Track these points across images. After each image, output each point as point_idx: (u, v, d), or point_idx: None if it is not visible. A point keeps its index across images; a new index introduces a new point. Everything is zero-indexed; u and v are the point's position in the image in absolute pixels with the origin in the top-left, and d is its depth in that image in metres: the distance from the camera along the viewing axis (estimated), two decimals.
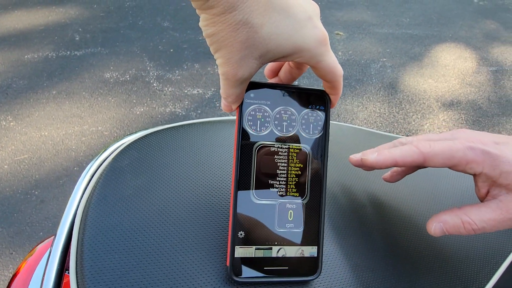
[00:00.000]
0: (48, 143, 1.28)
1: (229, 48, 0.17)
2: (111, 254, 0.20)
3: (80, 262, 0.20)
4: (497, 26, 2.37)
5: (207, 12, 0.16)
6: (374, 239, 0.26)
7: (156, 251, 0.21)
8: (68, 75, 1.60)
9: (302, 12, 0.18)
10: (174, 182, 0.25)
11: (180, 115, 1.43)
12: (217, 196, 0.25)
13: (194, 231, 0.22)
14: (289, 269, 0.21)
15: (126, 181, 0.25)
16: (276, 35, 0.17)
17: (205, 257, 0.21)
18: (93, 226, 0.21)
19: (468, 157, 0.20)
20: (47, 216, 1.05)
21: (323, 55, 0.19)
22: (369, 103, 1.57)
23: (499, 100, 1.68)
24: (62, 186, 1.14)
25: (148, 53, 1.77)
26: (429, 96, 1.65)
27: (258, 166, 0.20)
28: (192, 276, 0.20)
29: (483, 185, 0.21)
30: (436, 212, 0.29)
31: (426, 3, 2.57)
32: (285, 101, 0.21)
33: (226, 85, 0.19)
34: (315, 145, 0.21)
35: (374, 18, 2.29)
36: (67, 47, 1.78)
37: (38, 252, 0.39)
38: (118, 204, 0.23)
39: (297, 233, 0.21)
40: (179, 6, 2.24)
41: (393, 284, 0.23)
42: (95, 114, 1.41)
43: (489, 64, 1.94)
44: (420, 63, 1.88)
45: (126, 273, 0.19)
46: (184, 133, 0.30)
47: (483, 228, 0.21)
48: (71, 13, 2.08)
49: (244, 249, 0.20)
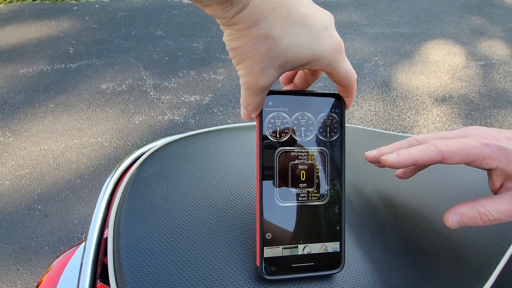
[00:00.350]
0: (49, 156, 1.28)
1: (251, 60, 0.18)
2: (148, 260, 0.21)
3: (118, 269, 0.21)
4: (483, 21, 2.44)
5: (232, 28, 0.18)
6: (387, 233, 0.28)
7: (189, 255, 0.22)
8: (64, 88, 1.60)
9: (319, 22, 0.19)
10: (198, 189, 0.26)
11: (178, 123, 1.44)
12: (240, 201, 0.26)
13: (223, 235, 0.23)
14: (315, 265, 0.22)
15: (153, 191, 0.26)
16: (295, 46, 0.18)
17: (235, 259, 0.22)
18: (127, 235, 0.23)
19: (484, 153, 0.21)
20: (51, 230, 1.05)
21: (339, 62, 0.20)
22: (364, 102, 1.60)
23: (489, 93, 1.72)
24: (65, 199, 1.14)
25: (143, 62, 1.78)
26: (422, 92, 1.69)
27: (280, 171, 0.22)
28: (226, 277, 0.21)
29: (497, 179, 0.22)
30: (445, 206, 0.31)
31: (413, 1, 2.63)
32: (302, 107, 0.22)
33: (248, 94, 0.20)
34: (332, 147, 0.23)
35: (364, 18, 2.34)
36: (61, 60, 1.78)
37: (57, 266, 0.39)
38: (148, 213, 0.24)
39: (320, 231, 0.22)
40: (171, 15, 2.26)
41: (410, 274, 0.25)
42: (94, 125, 1.41)
43: (478, 58, 1.99)
44: (411, 60, 1.92)
45: (164, 277, 0.21)
46: (202, 141, 0.31)
47: (499, 219, 0.21)
48: (63, 26, 2.09)
49: (272, 249, 0.22)
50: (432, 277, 0.25)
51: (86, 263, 0.25)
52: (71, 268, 0.37)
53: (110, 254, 0.22)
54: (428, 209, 0.30)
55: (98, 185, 1.19)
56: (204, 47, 1.93)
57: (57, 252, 1.00)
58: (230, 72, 1.74)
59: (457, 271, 0.26)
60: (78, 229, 1.07)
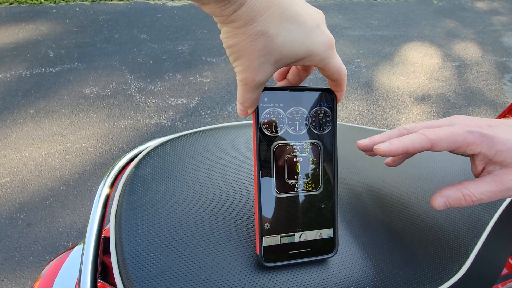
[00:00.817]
0: (30, 164, 1.23)
1: (248, 56, 0.19)
2: (152, 252, 0.22)
3: (122, 262, 0.22)
4: (456, 24, 2.57)
5: (229, 25, 0.18)
6: (375, 221, 0.29)
7: (192, 246, 0.23)
8: (45, 93, 1.55)
9: (311, 20, 0.19)
10: (197, 184, 0.27)
11: (166, 126, 1.43)
12: (238, 194, 0.27)
13: (223, 226, 0.24)
14: (311, 250, 0.24)
15: (152, 187, 0.26)
16: (289, 42, 0.19)
17: (236, 249, 0.23)
18: (129, 230, 0.23)
19: (468, 140, 0.23)
20: (35, 239, 1.02)
21: (330, 58, 0.21)
22: (348, 102, 1.65)
23: (464, 92, 1.82)
24: (49, 207, 1.11)
25: (128, 66, 1.76)
26: (402, 92, 1.76)
27: (276, 163, 0.23)
28: (227, 265, 0.22)
29: (480, 163, 0.24)
30: (425, 194, 0.33)
31: (391, 6, 2.74)
32: (295, 102, 0.23)
33: (244, 90, 0.21)
34: (325, 139, 0.24)
35: (346, 22, 2.41)
36: (41, 64, 1.73)
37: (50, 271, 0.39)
38: (148, 208, 0.25)
39: (315, 219, 0.24)
40: (155, 18, 2.24)
41: (396, 256, 0.27)
42: (77, 131, 1.37)
43: (453, 59, 2.10)
44: (391, 62, 2.00)
45: (168, 268, 0.21)
46: (197, 139, 0.32)
47: (481, 199, 0.23)
48: (42, 29, 2.02)
49: (271, 238, 0.23)
50: (417, 258, 0.27)
51: (86, 262, 0.25)
52: (66, 272, 0.37)
53: (113, 249, 0.23)
54: (411, 198, 0.32)
55: (84, 191, 1.16)
56: (189, 50, 1.92)
57: (43, 262, 0.97)
58: (217, 74, 1.74)
59: (439, 252, 0.28)
60: (64, 237, 1.03)
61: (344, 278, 0.24)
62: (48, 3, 2.29)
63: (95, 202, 0.29)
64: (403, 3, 2.81)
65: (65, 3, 2.33)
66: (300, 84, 0.25)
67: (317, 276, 0.23)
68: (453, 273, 0.26)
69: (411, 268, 0.26)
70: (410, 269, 0.26)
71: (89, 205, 1.13)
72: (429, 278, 0.26)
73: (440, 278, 0.26)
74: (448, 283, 0.26)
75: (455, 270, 0.27)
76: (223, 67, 1.79)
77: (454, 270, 0.27)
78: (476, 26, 2.58)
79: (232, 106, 1.56)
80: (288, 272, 0.23)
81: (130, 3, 2.38)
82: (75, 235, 1.05)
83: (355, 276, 0.24)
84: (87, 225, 0.28)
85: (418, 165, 0.37)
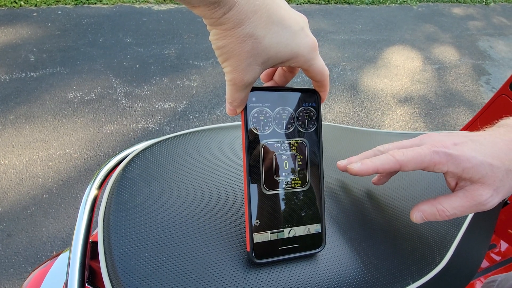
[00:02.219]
0: (10, 171, 1.19)
1: (237, 57, 0.19)
2: (141, 254, 0.22)
3: (111, 264, 0.21)
4: (435, 29, 2.68)
5: (218, 28, 0.19)
6: (361, 217, 0.30)
7: (181, 246, 0.23)
8: (25, 98, 1.50)
9: (296, 24, 0.20)
10: (186, 185, 0.27)
11: (153, 130, 1.41)
12: (227, 193, 0.27)
13: (212, 226, 0.25)
14: (300, 246, 0.24)
15: (140, 189, 0.26)
16: (275, 44, 0.20)
17: (226, 247, 0.23)
18: (117, 232, 0.23)
19: (434, 160, 0.24)
20: (16, 250, 0.97)
21: (314, 59, 0.22)
22: (335, 104, 1.68)
23: (444, 94, 1.89)
24: (30, 216, 1.07)
25: (113, 70, 1.73)
26: (386, 94, 1.81)
27: (265, 161, 0.23)
28: (217, 264, 0.22)
29: (451, 180, 0.25)
30: (409, 192, 0.34)
31: (374, 11, 2.83)
32: (282, 102, 0.24)
33: (233, 90, 0.21)
34: (311, 137, 0.25)
35: (330, 26, 2.46)
36: (21, 68, 1.68)
37: (35, 279, 0.37)
38: (137, 210, 0.25)
39: (303, 214, 0.24)
40: (140, 21, 2.22)
41: (382, 250, 0.27)
42: (61, 136, 1.34)
43: (433, 62, 2.18)
44: (375, 65, 2.05)
45: (158, 268, 0.21)
46: (185, 141, 0.32)
47: (455, 214, 0.24)
48: (22, 33, 1.96)
49: (261, 234, 0.23)
50: (401, 251, 0.28)
51: (73, 265, 0.25)
52: (51, 280, 0.35)
53: (101, 251, 0.22)
54: (395, 194, 0.33)
55: (68, 199, 1.12)
56: (176, 54, 1.91)
57: (24, 273, 0.93)
58: (204, 78, 1.74)
59: (421, 245, 0.29)
60: (47, 247, 1.00)
61: (333, 271, 0.24)
62: (28, 6, 2.22)
63: (82, 205, 0.29)
64: (385, 8, 2.91)
65: (47, 6, 2.27)
66: (286, 85, 0.26)
67: (306, 271, 0.24)
68: (435, 264, 0.28)
69: (396, 260, 0.27)
70: (395, 262, 0.27)
71: (73, 213, 1.09)
72: (413, 269, 0.26)
73: (424, 269, 0.27)
74: (431, 273, 0.27)
75: (437, 261, 0.28)
76: (210, 71, 1.79)
77: (436, 261, 0.28)
78: (453, 30, 2.70)
79: (220, 110, 1.56)
80: (278, 268, 0.23)
81: (115, 6, 2.35)
82: (59, 244, 1.01)
83: (343, 269, 0.25)
84: (74, 230, 0.27)
85: None
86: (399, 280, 0.26)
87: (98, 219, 0.25)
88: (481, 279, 0.69)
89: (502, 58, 2.39)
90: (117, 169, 0.29)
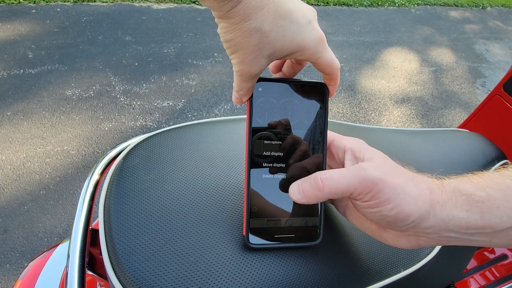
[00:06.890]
0: (7, 167, 1.18)
1: (244, 50, 0.20)
2: (141, 237, 0.22)
3: (111, 247, 0.22)
4: (432, 31, 2.71)
5: (226, 21, 0.19)
6: None
7: (180, 230, 0.23)
8: (23, 94, 1.50)
9: (303, 17, 0.21)
10: (186, 173, 0.28)
11: (151, 128, 1.41)
12: (226, 182, 0.28)
13: (211, 211, 0.25)
14: (296, 236, 0.24)
15: (141, 177, 0.27)
16: (281, 38, 0.20)
17: (223, 231, 0.24)
18: (118, 216, 0.23)
19: None
20: (12, 246, 0.97)
21: (321, 52, 0.22)
22: (333, 105, 1.70)
23: (441, 96, 1.91)
24: (27, 212, 1.06)
25: (112, 68, 1.73)
26: (384, 95, 1.82)
27: (267, 150, 0.24)
28: (215, 247, 0.23)
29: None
30: None
31: (372, 13, 2.85)
32: (289, 93, 0.24)
33: (240, 80, 0.22)
34: (315, 131, 0.25)
35: (329, 28, 2.48)
36: (19, 65, 1.67)
37: (34, 268, 0.38)
38: (137, 195, 0.25)
39: (301, 206, 0.25)
40: (140, 20, 2.22)
41: (375, 242, 0.28)
42: (58, 133, 1.33)
43: (430, 64, 2.20)
44: (373, 66, 2.07)
45: (157, 251, 0.22)
46: (186, 132, 0.32)
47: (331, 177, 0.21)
48: (21, 30, 1.96)
49: (258, 220, 0.24)
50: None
51: (74, 252, 0.25)
52: (50, 269, 0.36)
53: (102, 235, 0.23)
54: None
55: (66, 195, 1.12)
56: (175, 52, 1.91)
57: (20, 269, 0.92)
58: (203, 77, 1.74)
59: None
60: (44, 243, 1.00)
61: (328, 260, 0.25)
62: (27, 3, 2.22)
63: (82, 193, 0.29)
64: (383, 11, 2.93)
65: (46, 3, 2.26)
66: (294, 77, 0.26)
67: (301, 258, 0.24)
68: (427, 252, 0.28)
69: (388, 248, 0.28)
70: (388, 250, 0.27)
71: (71, 209, 1.09)
72: (404, 257, 0.27)
73: (415, 257, 0.28)
74: (423, 261, 0.27)
75: (429, 249, 0.29)
76: (209, 70, 1.79)
77: (427, 249, 0.29)
78: (450, 33, 2.73)
79: (219, 109, 1.56)
80: (273, 253, 0.24)
81: (114, 4, 2.35)
82: (56, 240, 1.01)
83: (335, 256, 0.25)
84: (74, 217, 0.28)
85: (402, 152, 0.39)
86: (390, 268, 0.26)
87: (99, 204, 0.25)
88: (474, 277, 0.70)
89: (497, 61, 2.42)
90: (118, 158, 0.29)
